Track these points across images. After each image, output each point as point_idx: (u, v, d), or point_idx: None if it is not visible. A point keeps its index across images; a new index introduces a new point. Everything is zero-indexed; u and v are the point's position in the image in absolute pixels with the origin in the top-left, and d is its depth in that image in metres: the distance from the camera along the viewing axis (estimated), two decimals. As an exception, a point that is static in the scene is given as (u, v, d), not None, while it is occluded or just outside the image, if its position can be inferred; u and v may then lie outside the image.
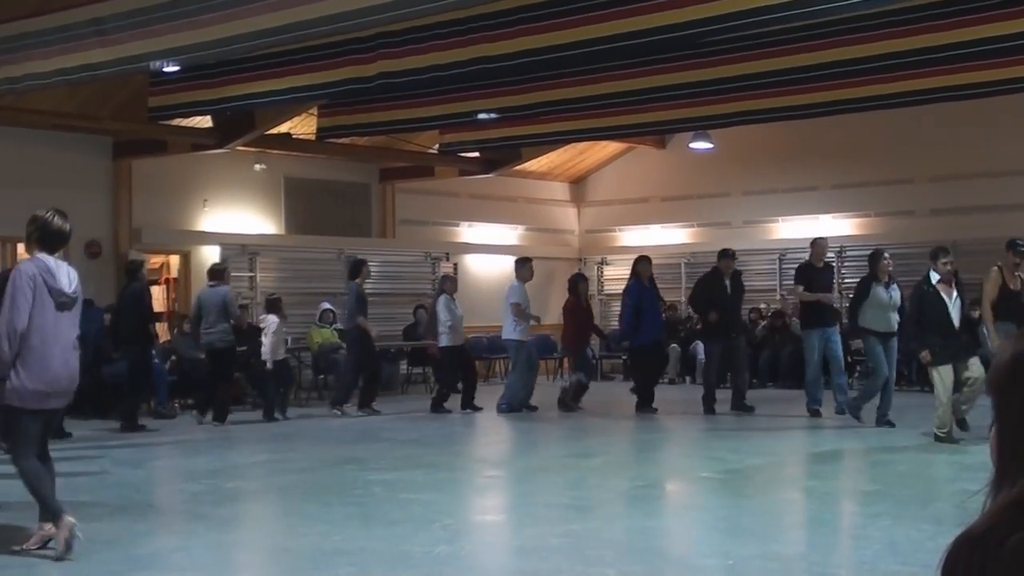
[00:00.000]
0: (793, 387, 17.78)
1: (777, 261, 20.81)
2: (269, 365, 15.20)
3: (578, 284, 16.28)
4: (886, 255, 13.18)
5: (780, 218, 21.79)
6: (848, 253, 20.10)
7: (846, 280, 19.47)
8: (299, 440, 13.20)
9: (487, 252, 22.55)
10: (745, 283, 20.94)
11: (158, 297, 18.57)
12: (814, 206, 21.29)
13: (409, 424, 14.60)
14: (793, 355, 18.76)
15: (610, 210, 23.83)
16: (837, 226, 21.01)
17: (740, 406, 14.75)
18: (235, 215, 19.27)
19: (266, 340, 15.19)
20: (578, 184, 24.36)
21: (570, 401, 15.66)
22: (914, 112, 16.65)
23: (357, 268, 16.08)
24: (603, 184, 24.05)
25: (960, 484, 8.81)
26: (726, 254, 15.29)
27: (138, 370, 14.20)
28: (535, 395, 15.99)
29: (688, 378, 20.68)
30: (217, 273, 15.05)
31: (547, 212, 23.92)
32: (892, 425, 12.81)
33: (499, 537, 7.90)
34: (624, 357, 18.96)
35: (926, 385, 16.95)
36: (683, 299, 21.81)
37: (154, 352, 15.09)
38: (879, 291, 12.88)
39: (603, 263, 23.41)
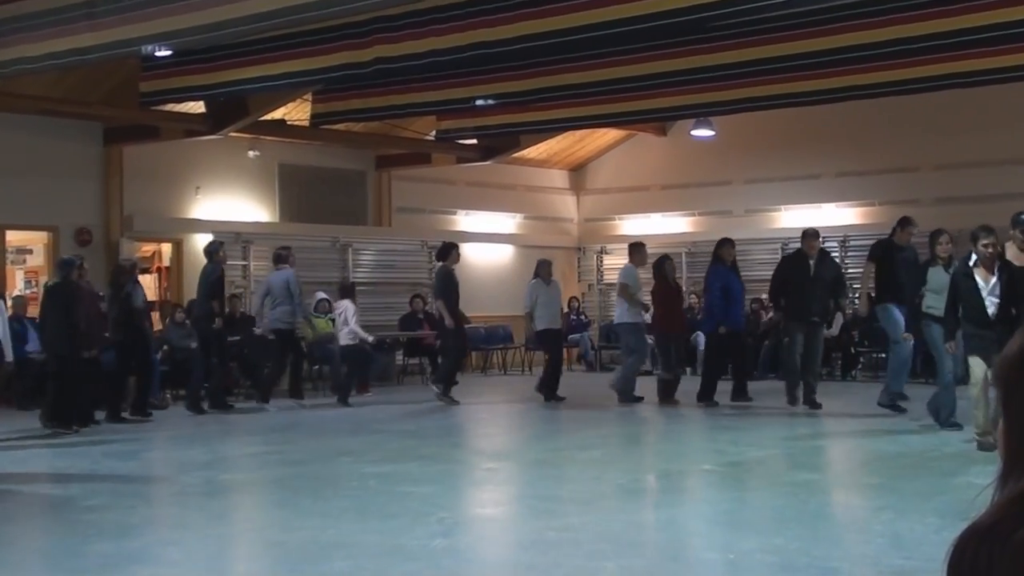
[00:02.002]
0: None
1: (779, 251, 20.76)
2: (369, 339, 16.14)
3: (663, 266, 15.45)
4: (944, 235, 12.01)
5: (782, 207, 21.79)
6: (852, 243, 20.10)
7: (850, 271, 19.45)
8: (294, 432, 13.21)
9: (485, 241, 22.53)
10: (746, 273, 21.04)
11: (149, 286, 18.57)
12: (817, 194, 21.29)
13: (406, 416, 14.60)
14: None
15: (610, 198, 23.82)
16: (840, 215, 21.02)
17: (811, 401, 13.95)
18: (228, 203, 19.25)
19: (345, 326, 15.99)
20: (577, 172, 24.34)
21: (665, 400, 15.06)
22: (919, 99, 16.63)
23: (446, 251, 16.10)
24: (603, 172, 24.04)
25: (966, 477, 8.82)
26: (807, 234, 14.52)
27: (206, 351, 14.97)
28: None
29: (688, 369, 20.66)
30: (280, 256, 15.79)
31: (546, 200, 23.91)
32: (959, 427, 11.64)
33: (497, 531, 7.91)
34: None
35: (930, 377, 16.97)
36: (684, 288, 21.80)
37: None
38: (939, 273, 11.71)
39: (602, 252, 23.41)
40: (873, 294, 13.47)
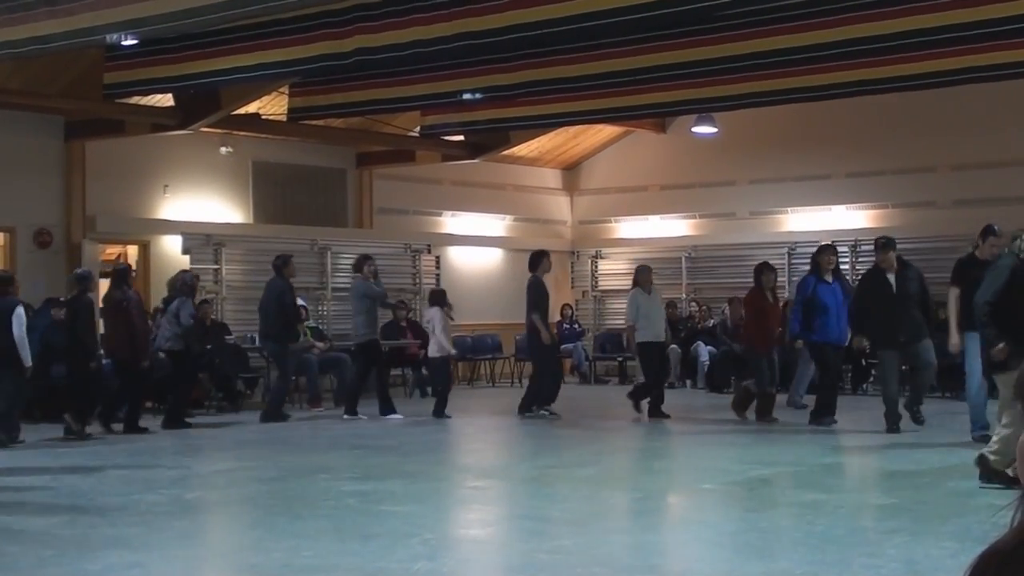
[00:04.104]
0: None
1: (786, 256, 20.82)
2: (452, 352, 16.24)
3: (761, 273, 15.13)
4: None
5: (789, 209, 21.81)
6: (863, 248, 20.12)
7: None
8: (267, 447, 13.18)
9: (472, 244, 22.53)
10: (751, 280, 20.99)
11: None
12: (826, 196, 21.31)
13: (387, 430, 14.59)
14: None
15: (606, 199, 23.83)
16: (851, 218, 21.05)
17: (913, 415, 13.15)
18: (199, 202, 19.22)
19: (434, 335, 15.95)
20: (571, 171, 24.36)
21: (739, 411, 14.85)
22: (936, 95, 16.68)
23: (537, 259, 16.08)
24: (598, 171, 24.05)
25: (986, 498, 8.82)
26: (879, 244, 13.59)
27: (280, 363, 15.80)
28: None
29: (688, 382, 20.69)
30: (355, 265, 16.37)
31: (537, 201, 23.92)
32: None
33: (484, 553, 7.90)
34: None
35: (947, 391, 16.99)
36: (683, 296, 21.85)
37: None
38: None
39: (598, 256, 23.42)
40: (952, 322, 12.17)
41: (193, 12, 9.90)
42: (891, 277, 13.23)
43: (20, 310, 13.05)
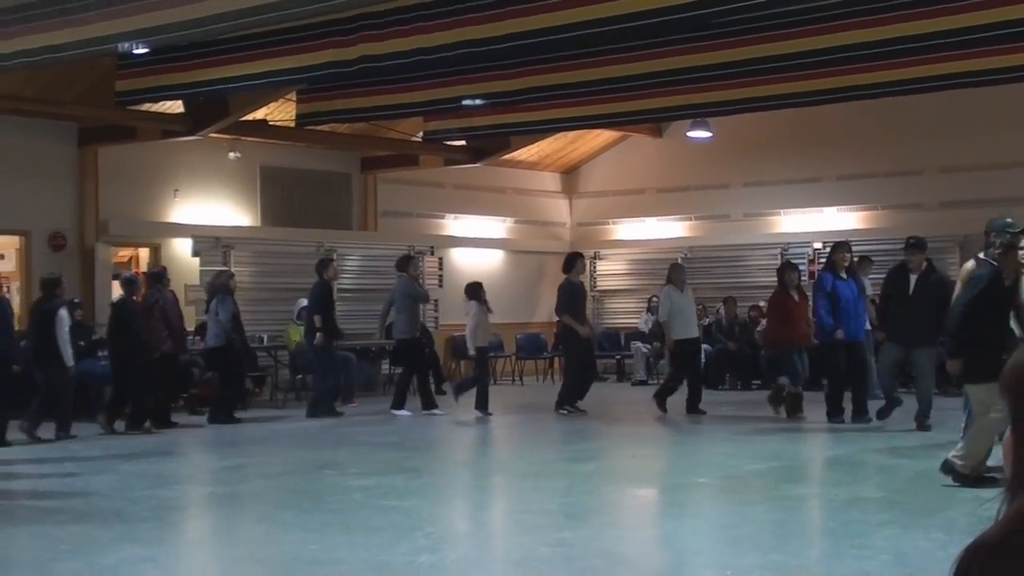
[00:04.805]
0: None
1: (779, 256, 20.79)
2: (471, 351, 16.09)
3: (784, 273, 15.00)
4: None
5: (782, 211, 21.81)
6: (853, 248, 20.05)
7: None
8: (275, 444, 13.19)
9: (474, 246, 22.52)
10: (745, 280, 20.93)
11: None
12: (818, 198, 21.31)
13: (391, 427, 14.59)
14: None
15: (603, 202, 23.82)
16: (841, 219, 21.04)
17: (919, 423, 12.90)
18: (208, 206, 19.21)
19: (467, 327, 15.91)
20: (570, 174, 24.35)
21: (774, 406, 14.65)
22: (923, 100, 16.65)
23: (571, 263, 16.10)
24: (596, 175, 24.05)
25: (973, 491, 8.82)
26: (908, 246, 13.06)
27: (324, 362, 15.85)
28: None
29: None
30: (398, 263, 16.42)
31: (537, 204, 23.91)
32: None
33: (486, 546, 7.90)
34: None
35: (935, 387, 16.92)
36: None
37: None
38: None
39: (596, 257, 23.40)
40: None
41: (203, 21, 9.89)
42: (913, 278, 12.89)
43: (63, 312, 13.20)
